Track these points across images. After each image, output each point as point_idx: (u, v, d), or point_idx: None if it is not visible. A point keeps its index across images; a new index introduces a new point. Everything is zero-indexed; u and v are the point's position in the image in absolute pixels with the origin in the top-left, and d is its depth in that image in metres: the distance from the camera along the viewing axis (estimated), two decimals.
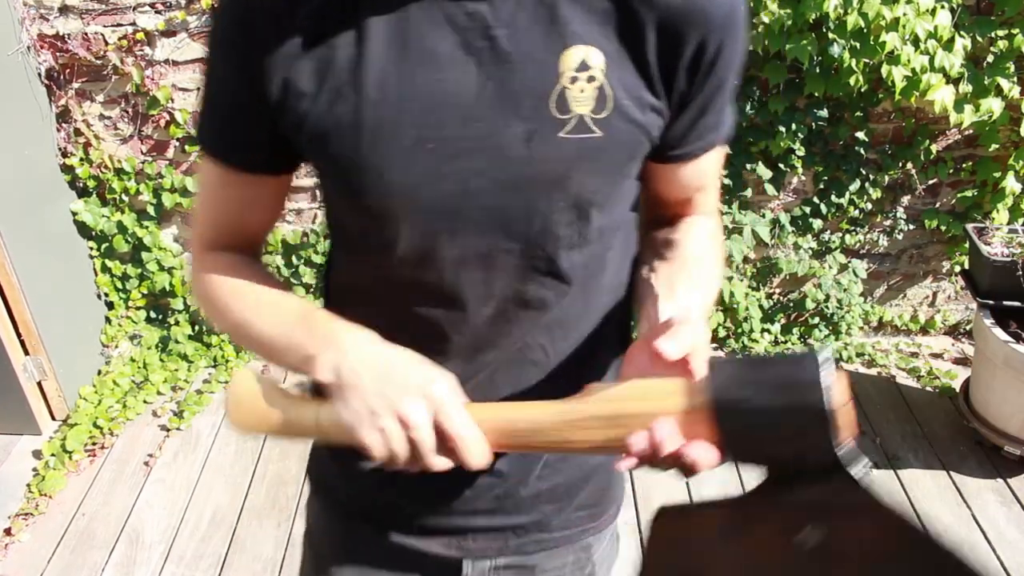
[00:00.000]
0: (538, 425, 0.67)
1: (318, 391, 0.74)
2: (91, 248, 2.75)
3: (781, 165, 2.65)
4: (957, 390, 2.66)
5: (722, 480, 2.36)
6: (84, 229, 2.70)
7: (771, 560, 0.60)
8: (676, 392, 0.61)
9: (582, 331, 0.81)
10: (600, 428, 0.64)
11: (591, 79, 0.67)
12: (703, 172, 0.81)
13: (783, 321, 2.97)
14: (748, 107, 2.50)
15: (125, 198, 2.69)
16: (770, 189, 2.66)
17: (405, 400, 0.66)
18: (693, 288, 0.76)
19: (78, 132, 2.60)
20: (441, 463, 0.67)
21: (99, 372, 2.75)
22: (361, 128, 0.67)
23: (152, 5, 2.43)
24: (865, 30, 2.27)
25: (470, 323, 0.76)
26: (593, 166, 0.70)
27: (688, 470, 0.62)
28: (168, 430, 2.57)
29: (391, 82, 0.65)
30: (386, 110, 0.66)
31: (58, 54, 2.47)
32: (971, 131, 2.61)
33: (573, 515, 0.92)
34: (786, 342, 2.96)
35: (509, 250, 0.72)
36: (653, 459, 0.62)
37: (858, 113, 2.57)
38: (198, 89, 2.16)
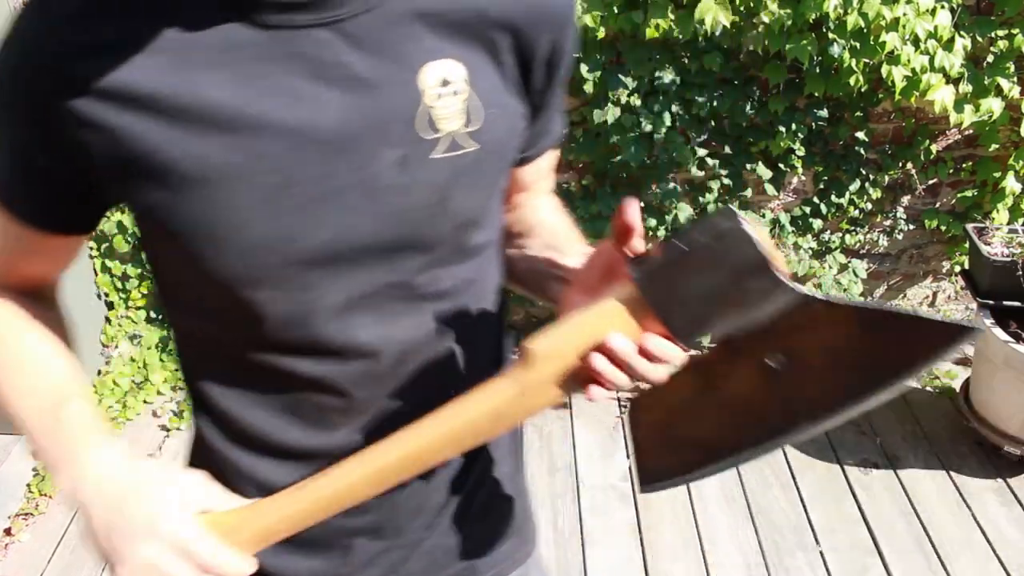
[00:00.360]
0: (494, 412, 0.63)
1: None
2: (91, 248, 2.75)
3: (781, 165, 2.65)
4: (957, 390, 2.66)
5: (722, 480, 2.37)
6: None
7: (748, 395, 0.61)
8: (612, 305, 0.59)
9: (473, 342, 0.79)
10: (559, 379, 0.61)
11: (456, 93, 0.64)
12: (549, 167, 0.83)
13: None
14: (748, 107, 2.50)
15: None
16: (770, 189, 2.66)
17: (132, 549, 0.61)
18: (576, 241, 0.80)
19: None
20: None
21: (99, 372, 2.75)
22: (210, 182, 0.59)
23: None
24: (865, 30, 2.27)
25: (374, 371, 0.71)
26: (471, 182, 0.67)
27: (654, 374, 0.60)
28: (168, 430, 2.57)
29: (239, 127, 0.58)
30: (238, 159, 0.59)
31: None
32: (971, 131, 2.61)
33: (505, 544, 0.90)
34: None
35: (398, 283, 0.68)
36: (619, 375, 0.59)
37: (858, 113, 2.57)
38: None
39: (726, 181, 2.65)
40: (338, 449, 0.72)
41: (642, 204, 2.63)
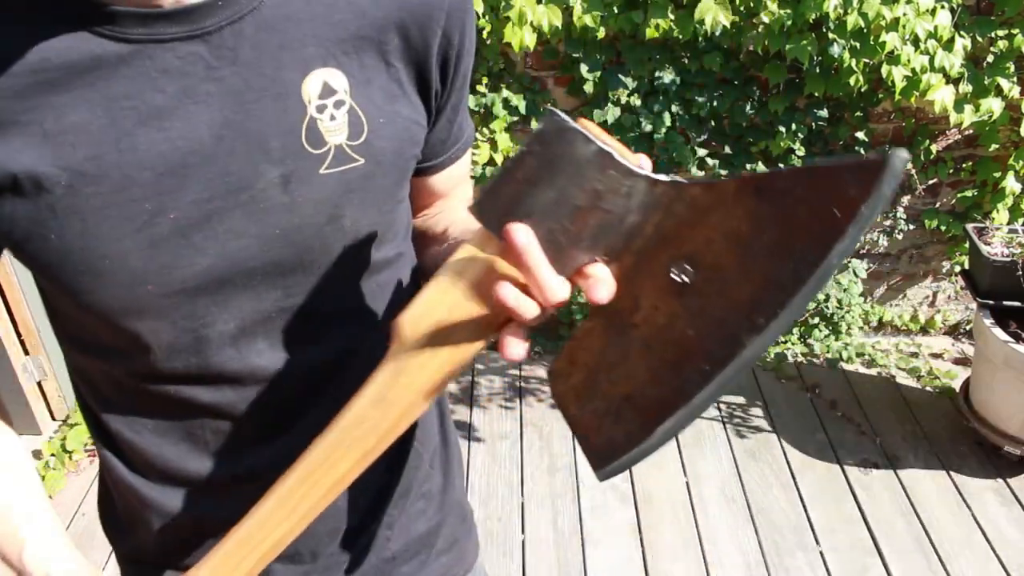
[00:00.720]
0: (377, 398, 0.56)
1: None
2: None
3: (781, 165, 2.65)
4: (957, 390, 2.66)
5: (722, 480, 2.37)
6: None
7: (667, 324, 0.52)
8: (464, 249, 0.54)
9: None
10: (437, 343, 0.55)
11: (339, 104, 0.60)
12: (461, 174, 0.79)
13: None
14: (748, 107, 2.50)
15: None
16: None
17: None
18: None
19: None
20: None
21: None
22: (79, 210, 0.55)
23: None
24: (865, 30, 2.27)
25: (276, 397, 0.68)
26: (363, 197, 0.63)
27: (553, 306, 0.53)
28: None
29: (106, 151, 0.54)
30: (107, 185, 0.55)
31: None
32: (971, 131, 2.61)
33: (437, 563, 0.87)
34: (786, 342, 2.96)
35: (294, 306, 0.65)
36: (523, 320, 0.53)
37: (858, 113, 2.57)
38: None
39: None
40: (246, 475, 0.70)
41: None
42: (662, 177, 0.52)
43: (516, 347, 0.52)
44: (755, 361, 0.48)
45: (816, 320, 2.95)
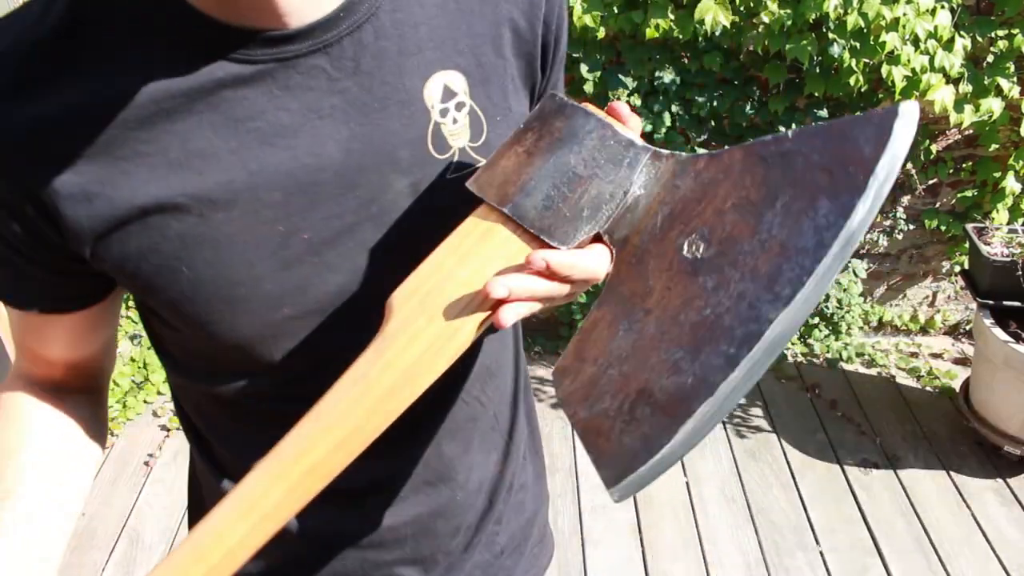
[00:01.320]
0: (365, 381, 0.52)
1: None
2: None
3: None
4: (957, 390, 2.66)
5: (722, 480, 2.37)
6: None
7: (684, 305, 0.48)
8: (463, 227, 0.52)
9: (505, 368, 0.76)
10: (428, 319, 0.51)
11: (460, 106, 0.59)
12: None
13: None
14: (748, 107, 2.50)
15: None
16: None
17: None
18: None
19: None
20: None
21: None
22: (210, 241, 0.54)
23: None
24: (865, 30, 2.27)
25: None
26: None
27: (538, 286, 0.51)
28: (168, 430, 2.57)
29: (234, 175, 0.53)
30: (238, 210, 0.53)
31: None
32: (971, 131, 2.61)
33: (532, 553, 0.90)
34: None
35: None
36: (502, 285, 0.50)
37: (858, 113, 2.56)
38: None
39: None
40: (368, 487, 0.70)
41: None
42: (664, 151, 0.50)
43: (508, 312, 0.50)
44: (785, 343, 0.44)
45: (816, 320, 2.95)
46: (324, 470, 0.52)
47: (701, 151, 2.58)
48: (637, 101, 2.46)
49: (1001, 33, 2.39)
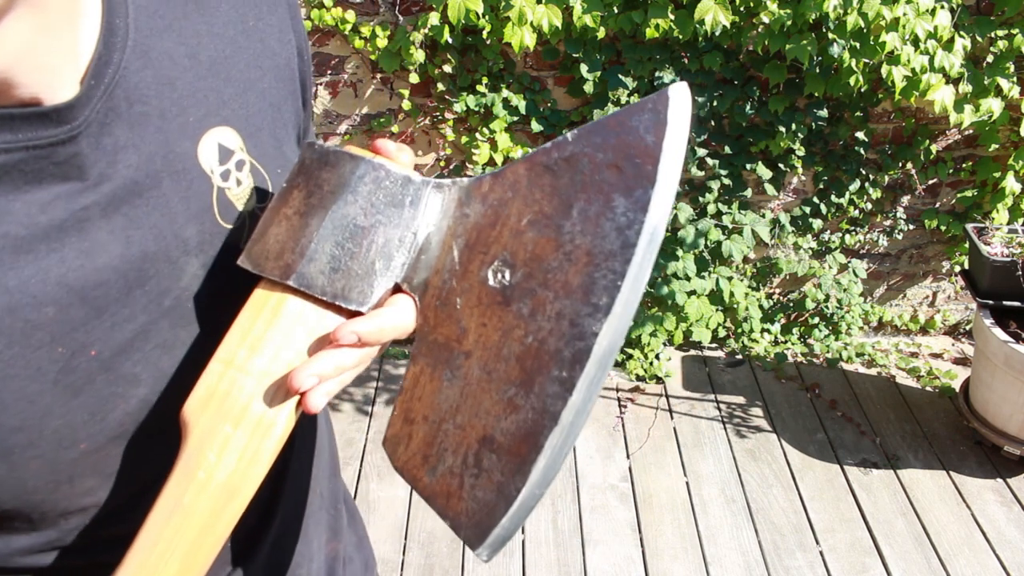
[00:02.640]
0: (182, 511, 0.45)
1: None
2: None
3: (781, 165, 2.65)
4: (957, 390, 2.66)
5: (722, 480, 2.37)
6: None
7: (503, 339, 0.45)
8: (243, 313, 0.48)
9: (315, 433, 0.72)
10: (241, 429, 0.46)
11: (240, 164, 0.51)
12: None
13: (783, 321, 2.98)
14: (748, 107, 2.50)
15: None
16: (770, 189, 2.66)
17: None
18: None
19: None
20: None
21: None
22: None
23: None
24: (865, 30, 2.27)
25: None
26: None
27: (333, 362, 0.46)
28: None
29: None
30: (2, 339, 0.42)
31: None
32: (971, 131, 2.62)
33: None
34: (786, 342, 2.96)
35: None
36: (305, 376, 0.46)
37: (858, 113, 2.57)
38: None
39: (726, 181, 2.65)
40: None
41: None
42: (445, 181, 0.48)
43: (318, 397, 0.46)
44: (617, 351, 0.43)
45: (816, 320, 2.95)
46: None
47: (701, 151, 2.59)
48: (637, 101, 2.46)
49: (1001, 33, 2.39)
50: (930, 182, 2.74)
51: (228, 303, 0.50)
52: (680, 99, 0.42)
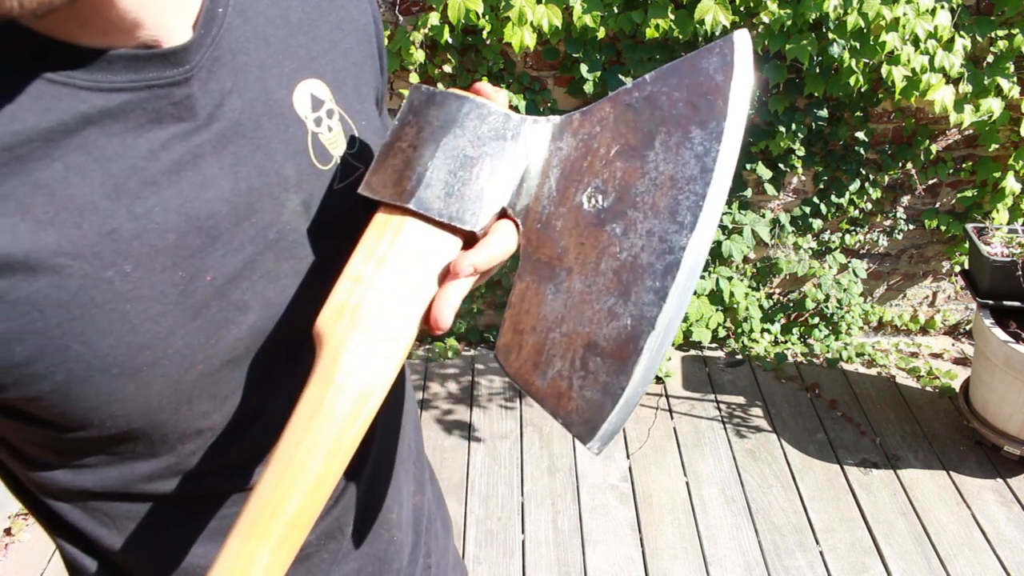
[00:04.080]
0: (321, 415, 0.49)
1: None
2: None
3: (781, 165, 2.65)
4: (957, 390, 2.66)
5: (722, 480, 2.37)
6: None
7: (601, 254, 0.50)
8: (367, 234, 0.52)
9: (403, 387, 0.74)
10: (361, 337, 0.49)
11: (330, 113, 0.56)
12: None
13: (783, 321, 2.98)
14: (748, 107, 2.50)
15: None
16: (770, 189, 2.66)
17: None
18: None
19: None
20: None
21: None
22: (103, 304, 0.46)
23: None
24: (865, 30, 2.27)
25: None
26: (368, 206, 0.60)
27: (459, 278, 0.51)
28: None
29: (119, 222, 0.45)
30: (130, 261, 0.46)
31: None
32: (971, 131, 2.62)
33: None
34: (786, 342, 2.96)
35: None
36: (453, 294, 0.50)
37: (858, 113, 2.57)
38: None
39: None
40: (312, 545, 0.65)
41: None
42: (540, 118, 0.53)
43: (446, 312, 0.50)
44: (702, 264, 0.48)
45: (816, 320, 2.95)
46: (306, 518, 0.49)
47: None
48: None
49: (1001, 33, 2.39)
50: (930, 182, 2.74)
51: (325, 238, 0.55)
52: (743, 43, 0.48)
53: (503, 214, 0.53)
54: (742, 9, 2.28)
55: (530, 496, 2.32)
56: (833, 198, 2.71)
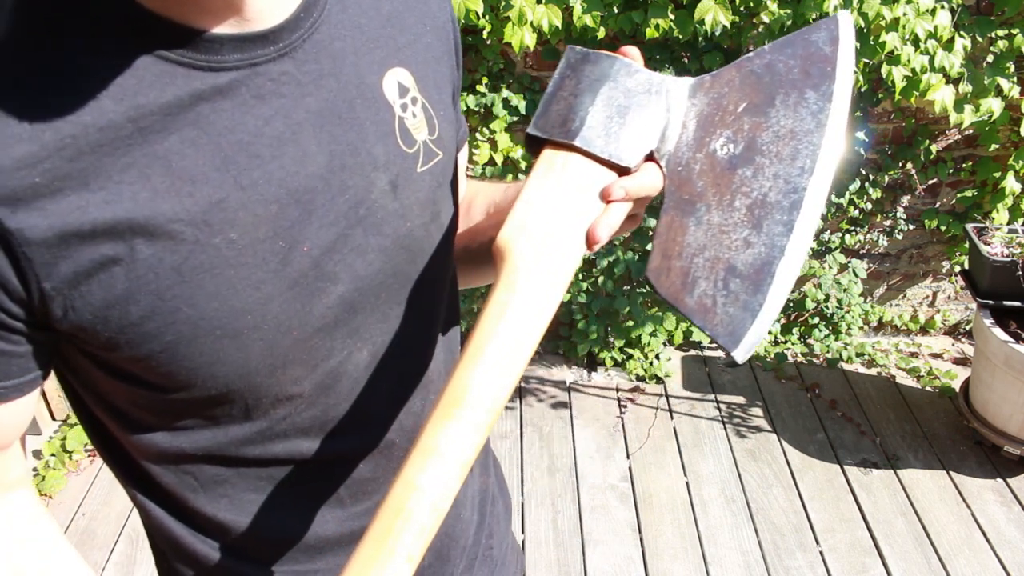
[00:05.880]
0: (510, 311, 0.53)
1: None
2: None
3: None
4: (957, 390, 2.66)
5: (722, 480, 2.37)
6: None
7: (734, 194, 0.58)
8: (549, 168, 0.58)
9: (452, 351, 0.76)
10: (537, 250, 0.55)
11: (414, 100, 0.60)
12: (464, 162, 0.78)
13: (783, 321, 2.97)
14: None
15: None
16: None
17: None
18: None
19: None
20: None
21: None
22: (210, 269, 0.49)
23: None
24: (865, 30, 2.27)
25: (392, 423, 0.65)
26: (448, 189, 0.65)
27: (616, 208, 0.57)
28: None
29: (227, 193, 0.49)
30: (236, 230, 0.50)
31: None
32: (971, 131, 2.61)
33: (511, 558, 0.92)
34: (786, 342, 2.96)
35: (412, 317, 0.63)
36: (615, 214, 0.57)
37: (858, 113, 2.57)
38: None
39: None
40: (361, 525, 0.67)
41: None
42: (677, 78, 0.62)
43: (603, 230, 0.56)
44: (822, 204, 0.57)
45: (816, 320, 2.95)
46: (499, 405, 0.53)
47: None
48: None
49: (1001, 33, 2.39)
50: (930, 182, 2.74)
51: (407, 217, 0.59)
52: (847, 21, 0.59)
53: (649, 157, 0.60)
54: (742, 9, 2.28)
55: (530, 496, 2.32)
56: (833, 198, 2.71)
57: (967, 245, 2.51)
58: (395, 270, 0.60)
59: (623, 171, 0.58)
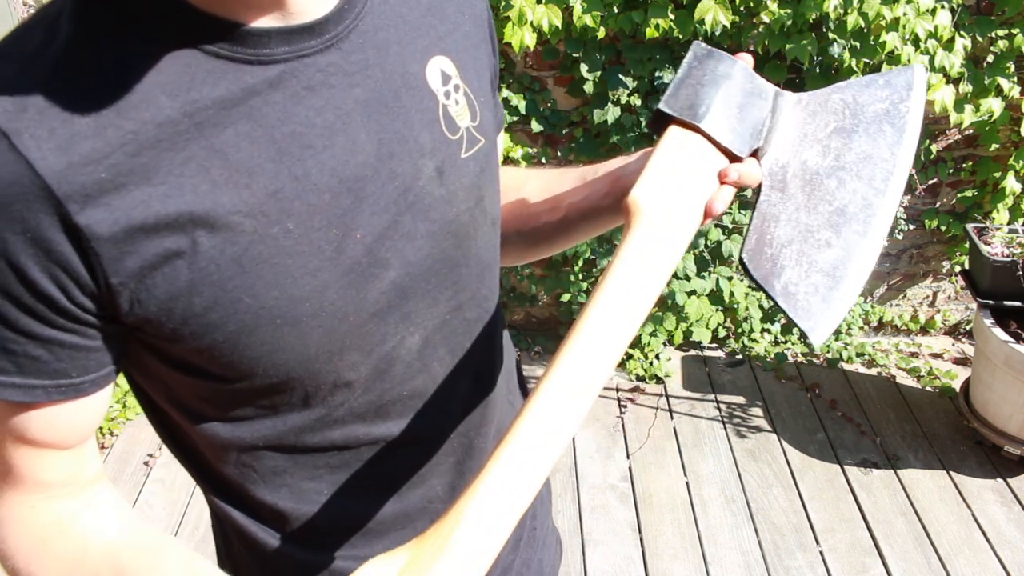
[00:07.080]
0: (643, 266, 0.58)
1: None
2: None
3: None
4: (957, 390, 2.66)
5: (722, 480, 2.36)
6: None
7: (818, 202, 0.66)
8: (679, 143, 0.64)
9: (512, 365, 0.79)
10: (678, 221, 0.61)
11: (456, 88, 0.61)
12: (501, 149, 0.79)
13: (783, 321, 2.97)
14: None
15: None
16: None
17: None
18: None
19: None
20: None
21: None
22: (269, 259, 0.51)
23: None
24: (865, 30, 2.27)
25: (442, 406, 0.67)
26: (491, 175, 0.66)
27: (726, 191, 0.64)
28: None
29: (283, 183, 0.51)
30: (293, 220, 0.51)
31: None
32: (971, 131, 2.61)
33: (552, 540, 0.93)
34: (786, 342, 2.96)
35: (461, 303, 0.65)
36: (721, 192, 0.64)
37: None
38: None
39: None
40: (417, 506, 0.69)
41: None
42: (780, 90, 0.69)
43: (719, 204, 0.62)
44: (890, 219, 0.65)
45: None
46: (631, 334, 0.59)
47: None
48: (637, 101, 2.46)
49: (1001, 33, 2.39)
50: (930, 182, 2.74)
51: (453, 203, 0.61)
52: (921, 72, 0.68)
53: (752, 153, 0.67)
54: (742, 9, 2.28)
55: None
56: None
57: (967, 245, 2.51)
58: (443, 255, 0.61)
59: (734, 159, 0.65)
